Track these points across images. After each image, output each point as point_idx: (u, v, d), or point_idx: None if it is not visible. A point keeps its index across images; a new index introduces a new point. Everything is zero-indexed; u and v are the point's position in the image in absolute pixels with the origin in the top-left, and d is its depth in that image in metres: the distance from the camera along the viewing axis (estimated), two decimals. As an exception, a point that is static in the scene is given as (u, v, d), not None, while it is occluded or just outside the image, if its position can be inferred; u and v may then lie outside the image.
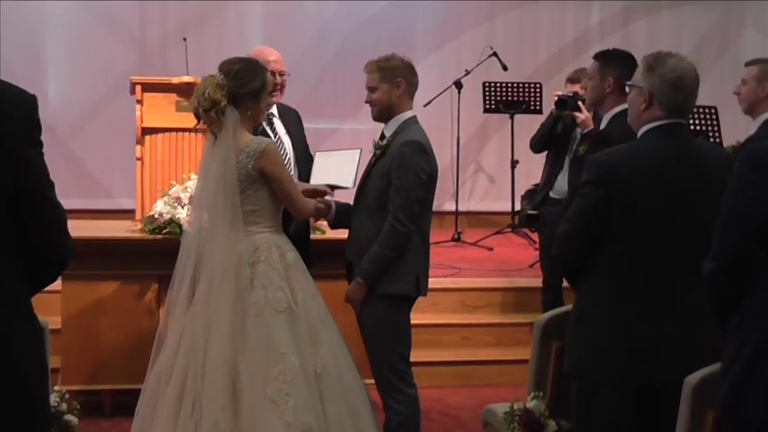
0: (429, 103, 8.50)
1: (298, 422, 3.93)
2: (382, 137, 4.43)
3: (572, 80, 6.36)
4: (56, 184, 2.42)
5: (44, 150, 2.40)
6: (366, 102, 4.44)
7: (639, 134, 3.41)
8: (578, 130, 6.17)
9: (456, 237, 8.54)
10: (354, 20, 9.51)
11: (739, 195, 2.62)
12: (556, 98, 6.16)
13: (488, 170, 10.02)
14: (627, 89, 3.53)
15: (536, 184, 6.54)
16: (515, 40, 9.93)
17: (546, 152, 6.51)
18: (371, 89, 4.37)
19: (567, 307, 3.62)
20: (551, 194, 6.32)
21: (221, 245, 4.11)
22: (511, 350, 6.48)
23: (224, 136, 4.08)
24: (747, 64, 5.07)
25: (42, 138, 2.38)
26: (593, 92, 4.55)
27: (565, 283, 6.43)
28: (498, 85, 8.79)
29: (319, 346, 4.11)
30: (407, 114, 4.42)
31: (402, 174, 4.23)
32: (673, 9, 10.37)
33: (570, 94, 6.13)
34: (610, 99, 4.44)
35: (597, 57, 4.55)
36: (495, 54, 8.67)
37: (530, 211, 6.23)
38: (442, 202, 9.67)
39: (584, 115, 6.02)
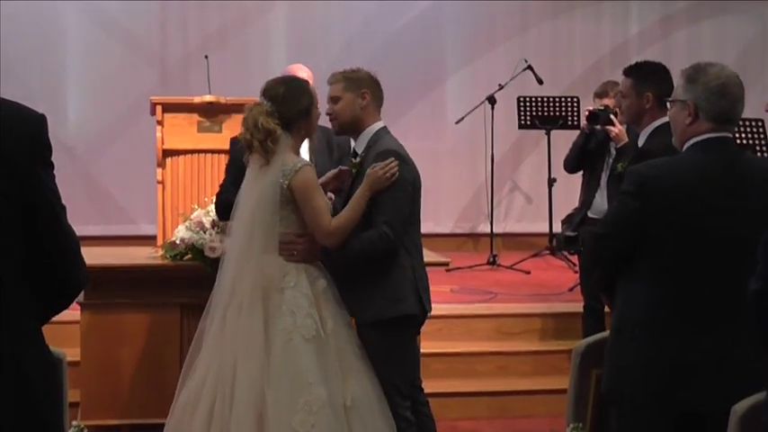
0: (461, 119, 8.53)
1: (322, 455, 3.95)
2: (354, 154, 4.39)
3: (599, 94, 6.37)
4: (74, 209, 2.44)
5: (63, 173, 2.42)
6: (327, 114, 4.39)
7: (684, 148, 3.41)
8: (612, 145, 6.19)
9: (491, 260, 8.52)
10: (381, 35, 9.56)
11: None
12: (587, 113, 6.18)
13: (524, 189, 10.00)
14: (668, 105, 3.53)
15: (576, 208, 6.53)
16: (550, 53, 9.93)
17: (581, 171, 6.49)
18: (334, 99, 4.33)
19: (607, 333, 3.60)
20: (590, 214, 6.33)
21: (252, 269, 4.13)
22: (549, 379, 6.43)
23: (275, 161, 4.12)
24: None
25: (61, 160, 2.40)
26: (631, 110, 4.54)
27: (607, 308, 6.45)
28: (533, 99, 8.78)
29: (350, 377, 4.11)
30: (377, 126, 4.37)
31: (388, 187, 4.18)
32: (715, 18, 10.34)
33: (602, 108, 6.14)
34: (648, 115, 4.44)
35: (629, 72, 4.55)
36: (530, 67, 8.67)
37: (568, 233, 6.22)
38: (477, 223, 9.71)
39: (617, 129, 6.04)
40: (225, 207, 4.93)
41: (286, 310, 4.07)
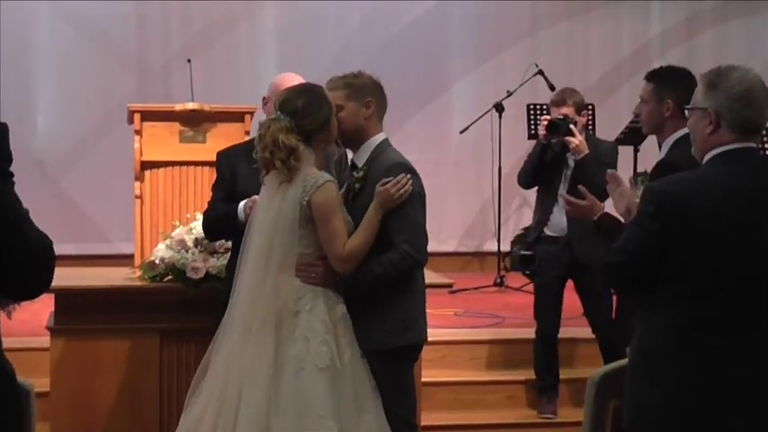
0: (466, 129, 8.56)
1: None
2: (353, 167, 4.40)
3: (557, 103, 6.38)
4: (44, 227, 2.44)
5: (32, 187, 2.43)
6: None
7: (705, 161, 3.40)
8: (570, 157, 6.22)
9: (498, 281, 8.55)
10: (380, 37, 9.60)
11: None
12: (545, 123, 6.20)
13: (535, 204, 10.02)
14: (686, 113, 3.53)
15: (525, 228, 6.55)
16: (563, 57, 9.96)
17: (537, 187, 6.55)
18: (336, 108, 4.28)
19: (624, 361, 3.60)
20: (547, 232, 6.39)
21: (268, 291, 4.14)
22: (562, 410, 6.47)
23: (298, 176, 4.12)
24: None
25: (29, 173, 2.42)
26: (651, 117, 4.52)
27: (562, 335, 6.48)
28: (544, 107, 8.79)
29: (365, 414, 4.11)
30: (379, 138, 4.37)
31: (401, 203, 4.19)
32: (744, 18, 10.39)
33: (561, 118, 6.17)
34: (670, 124, 4.44)
35: (651, 77, 4.53)
36: (541, 72, 8.68)
37: (523, 252, 6.25)
38: (483, 241, 9.73)
39: (577, 140, 6.10)
40: (214, 225, 4.95)
41: (299, 335, 4.08)
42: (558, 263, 6.33)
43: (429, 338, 4.47)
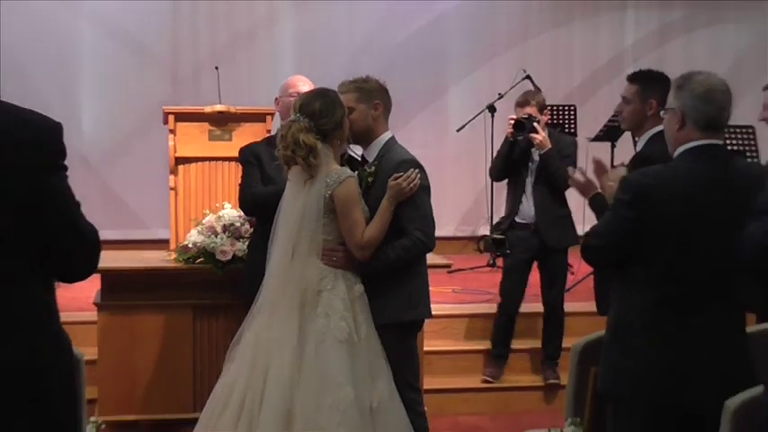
0: (462, 127, 8.52)
1: (346, 453, 3.96)
2: (364, 161, 4.40)
3: (521, 104, 6.35)
4: (90, 215, 2.44)
5: (79, 181, 2.43)
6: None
7: (675, 155, 3.40)
8: (535, 152, 6.21)
9: (491, 262, 8.52)
10: (385, 46, 9.58)
11: None
12: (512, 122, 6.20)
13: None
14: (663, 114, 3.53)
15: (503, 217, 6.56)
16: (549, 63, 9.94)
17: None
18: (347, 110, 4.27)
19: (601, 332, 3.60)
20: (517, 219, 6.39)
21: (295, 273, 4.14)
22: (532, 375, 6.54)
23: (320, 173, 4.12)
24: (766, 87, 5.06)
25: (77, 169, 2.41)
26: (633, 115, 4.47)
27: (523, 309, 6.49)
28: (533, 108, 8.79)
29: (378, 380, 4.11)
30: (387, 136, 4.37)
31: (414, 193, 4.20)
32: (710, 28, 10.37)
33: (525, 117, 6.16)
34: (650, 121, 4.41)
35: (635, 79, 4.48)
36: (528, 77, 8.66)
37: (496, 236, 6.26)
38: (477, 226, 9.72)
39: (541, 136, 6.12)
40: (255, 200, 4.96)
41: (321, 311, 4.08)
42: (526, 246, 6.34)
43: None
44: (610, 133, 8.11)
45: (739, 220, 2.83)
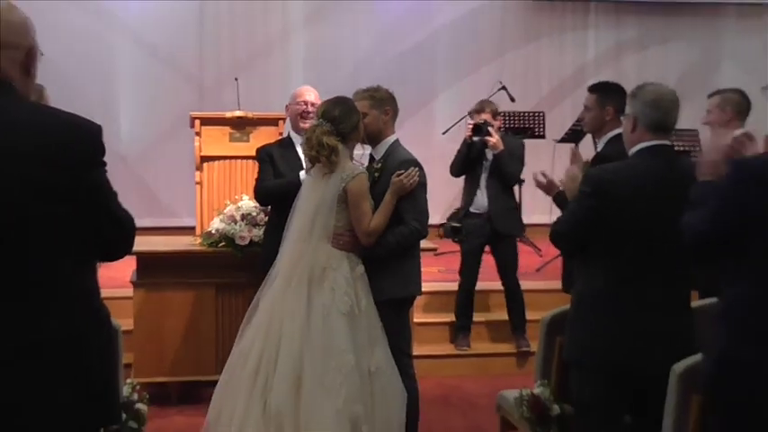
0: (447, 130, 8.50)
1: (347, 410, 3.95)
2: (372, 159, 4.40)
3: (477, 111, 6.38)
4: (126, 206, 2.44)
5: (117, 176, 2.43)
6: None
7: (630, 154, 3.41)
8: (489, 152, 6.21)
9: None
10: (383, 59, 9.55)
11: None
12: (471, 126, 6.20)
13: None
14: (622, 119, 3.53)
15: (458, 208, 6.55)
16: (522, 75, 9.94)
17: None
18: (362, 115, 4.27)
19: (566, 307, 3.60)
20: (472, 209, 6.40)
21: (308, 254, 4.14)
22: (482, 344, 6.54)
23: (338, 169, 4.13)
24: (711, 95, 5.06)
25: (116, 166, 2.41)
26: (593, 121, 4.48)
27: (479, 287, 6.49)
28: (507, 114, 8.76)
29: (375, 348, 4.11)
30: (392, 138, 4.37)
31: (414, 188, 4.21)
32: (659, 45, 10.36)
33: (482, 122, 6.17)
34: (608, 125, 4.41)
35: (594, 90, 4.49)
36: (504, 87, 8.64)
37: (453, 224, 6.27)
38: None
39: (494, 139, 6.15)
40: (268, 192, 5.00)
41: (327, 287, 4.08)
42: (480, 233, 6.35)
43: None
44: (574, 136, 8.09)
45: (682, 210, 2.84)
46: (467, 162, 6.38)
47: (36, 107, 2.43)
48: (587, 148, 5.11)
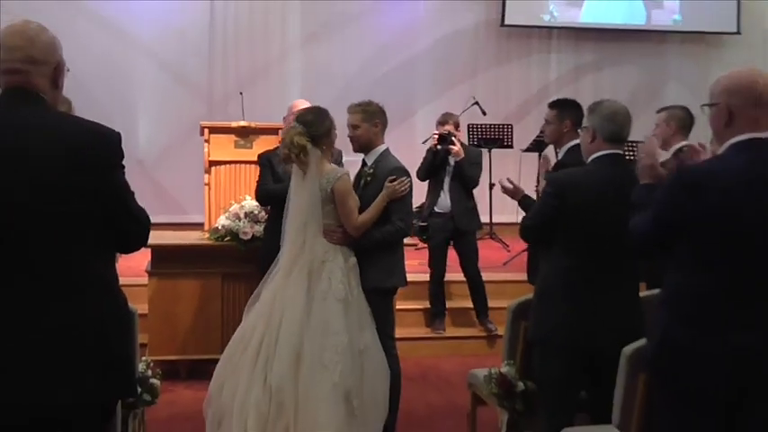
0: (426, 140, 8.41)
1: (342, 384, 3.95)
2: (364, 164, 4.39)
3: (442, 123, 6.40)
4: (143, 204, 2.44)
5: (135, 179, 2.43)
6: (349, 136, 4.36)
7: (588, 161, 3.42)
8: (451, 159, 6.22)
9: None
10: (370, 77, 9.52)
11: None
12: (436, 136, 6.22)
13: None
14: (580, 131, 3.54)
15: (421, 204, 6.55)
16: (492, 92, 9.93)
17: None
18: (354, 126, 4.29)
19: (530, 296, 3.61)
20: (436, 209, 6.41)
21: (305, 248, 4.12)
22: (449, 328, 6.54)
23: (310, 170, 4.10)
24: (658, 111, 5.09)
25: (134, 169, 2.42)
26: (554, 133, 4.47)
27: (453, 278, 6.51)
28: (479, 126, 8.80)
29: (364, 331, 4.11)
30: (382, 147, 4.37)
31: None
32: (613, 68, 10.40)
33: (446, 132, 6.18)
34: (566, 136, 4.42)
35: (553, 106, 4.49)
36: (476, 103, 8.68)
37: (420, 224, 6.30)
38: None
39: (456, 147, 6.17)
40: (267, 194, 5.00)
41: (325, 276, 4.07)
42: (444, 230, 6.37)
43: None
44: (537, 146, 8.13)
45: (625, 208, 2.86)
46: (432, 168, 6.39)
47: (63, 116, 2.42)
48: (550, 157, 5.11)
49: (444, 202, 6.37)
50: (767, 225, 2.48)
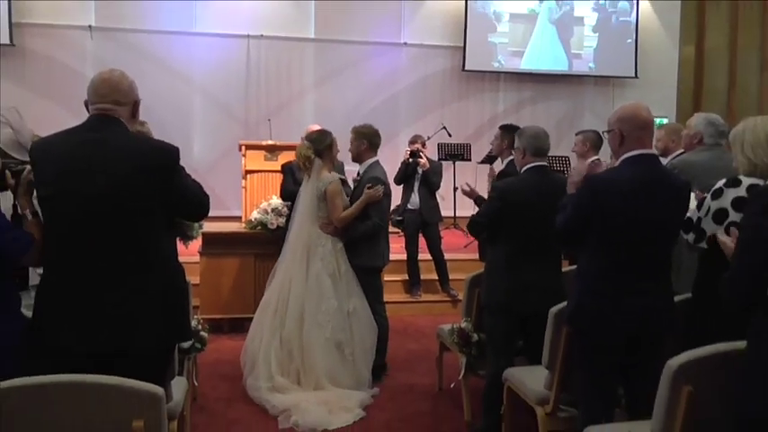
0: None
1: (333, 338, 3.95)
2: (358, 173, 4.39)
3: (413, 142, 6.38)
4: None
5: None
6: (349, 150, 4.39)
7: (522, 171, 3.42)
8: (420, 169, 6.23)
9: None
10: (365, 109, 9.47)
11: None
12: (409, 151, 6.23)
13: (441, 193, 10.00)
14: (513, 151, 3.55)
15: (397, 205, 6.54)
16: (456, 119, 9.89)
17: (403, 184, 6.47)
18: (351, 143, 4.33)
19: (482, 270, 3.62)
20: (409, 206, 6.37)
21: (305, 235, 4.12)
22: (425, 295, 6.51)
23: (312, 176, 4.13)
24: (577, 134, 5.12)
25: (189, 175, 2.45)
26: (497, 147, 4.53)
27: (421, 257, 6.44)
28: (446, 144, 8.79)
29: (352, 296, 4.11)
30: (372, 159, 4.35)
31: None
32: (545, 102, 10.37)
33: (416, 149, 6.18)
34: (506, 152, 4.44)
35: (501, 128, 4.55)
36: (444, 127, 8.68)
37: (397, 218, 6.30)
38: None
39: (423, 160, 6.18)
40: (289, 194, 4.97)
41: (318, 258, 4.09)
42: (415, 222, 6.35)
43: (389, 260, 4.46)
44: (489, 159, 8.09)
45: (553, 208, 2.87)
46: (405, 175, 6.38)
47: (136, 136, 2.42)
48: (497, 166, 5.14)
49: (414, 200, 6.35)
50: (651, 218, 2.52)
